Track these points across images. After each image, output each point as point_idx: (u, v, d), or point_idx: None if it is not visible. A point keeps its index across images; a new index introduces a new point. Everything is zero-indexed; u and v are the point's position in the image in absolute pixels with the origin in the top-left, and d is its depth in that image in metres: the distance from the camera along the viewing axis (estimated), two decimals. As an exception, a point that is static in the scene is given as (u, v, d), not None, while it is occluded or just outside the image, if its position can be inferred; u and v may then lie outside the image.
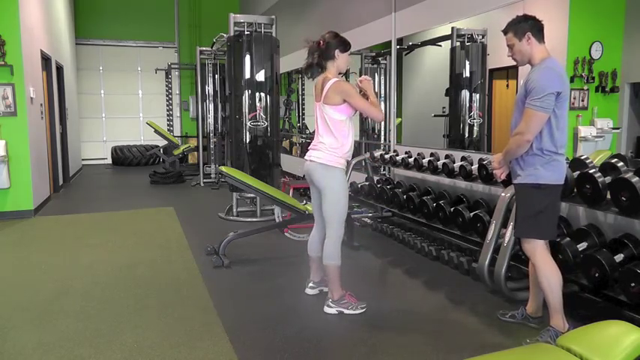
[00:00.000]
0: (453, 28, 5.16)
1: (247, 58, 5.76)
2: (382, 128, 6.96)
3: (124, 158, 11.99)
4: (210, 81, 9.71)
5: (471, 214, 3.91)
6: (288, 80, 9.75)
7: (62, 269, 4.14)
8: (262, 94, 5.81)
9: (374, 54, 6.95)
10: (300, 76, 9.61)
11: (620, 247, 2.93)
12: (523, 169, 2.69)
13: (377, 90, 6.97)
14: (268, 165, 5.94)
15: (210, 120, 9.87)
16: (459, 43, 5.25)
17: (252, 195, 5.81)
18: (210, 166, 9.49)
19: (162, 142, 10.76)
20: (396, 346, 2.75)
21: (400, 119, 6.27)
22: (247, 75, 5.77)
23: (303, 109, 9.77)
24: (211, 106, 9.80)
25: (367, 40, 6.38)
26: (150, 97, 12.78)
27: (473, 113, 5.35)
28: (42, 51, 7.23)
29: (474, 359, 1.45)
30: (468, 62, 5.39)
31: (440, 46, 5.75)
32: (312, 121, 3.35)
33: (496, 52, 4.99)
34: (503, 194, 3.35)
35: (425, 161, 4.67)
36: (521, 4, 3.99)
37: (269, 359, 2.63)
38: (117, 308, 3.29)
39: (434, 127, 6.02)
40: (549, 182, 2.63)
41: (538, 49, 2.64)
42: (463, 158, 4.28)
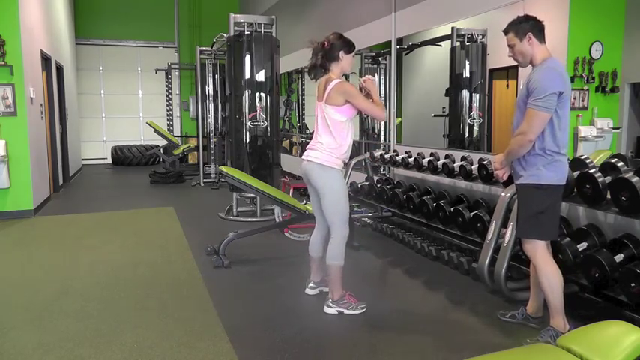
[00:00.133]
0: (453, 28, 5.16)
1: (247, 58, 5.76)
2: (382, 128, 6.96)
3: (124, 158, 11.99)
4: (210, 81, 9.70)
5: (471, 214, 3.91)
6: (288, 80, 9.75)
7: (62, 269, 4.14)
8: (262, 94, 5.81)
9: (374, 54, 6.95)
10: (300, 76, 9.62)
11: (620, 247, 2.93)
12: (525, 169, 2.68)
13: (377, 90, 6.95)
14: (268, 165, 5.94)
15: (210, 120, 9.86)
16: (458, 43, 5.25)
17: (252, 195, 5.81)
18: (210, 166, 9.48)
19: (162, 142, 10.76)
20: (396, 346, 2.75)
21: (400, 119, 6.27)
22: (247, 75, 5.77)
23: (303, 109, 9.77)
24: (211, 106, 9.80)
25: (367, 40, 6.38)
26: (150, 97, 12.78)
27: (473, 113, 5.35)
28: (42, 51, 7.23)
29: (474, 359, 1.45)
30: (467, 62, 5.39)
31: (440, 46, 5.75)
32: (312, 121, 3.35)
33: (496, 52, 4.99)
34: (503, 194, 3.35)
35: (425, 161, 4.67)
36: (521, 4, 3.99)
37: (269, 359, 2.63)
38: (117, 308, 3.29)
39: (434, 127, 6.02)
40: (551, 182, 2.62)
41: (539, 49, 2.63)
42: (463, 158, 4.28)
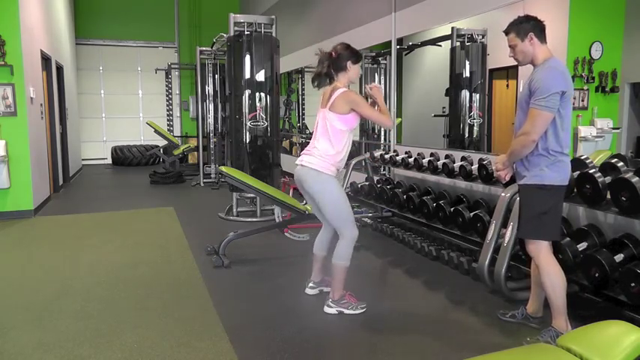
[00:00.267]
0: (453, 28, 5.16)
1: (247, 58, 5.76)
2: (382, 128, 6.96)
3: (124, 158, 11.99)
4: (210, 81, 9.70)
5: (471, 214, 3.91)
6: (288, 80, 9.75)
7: (62, 269, 4.14)
8: (262, 94, 5.81)
9: (374, 54, 6.95)
10: (300, 76, 9.62)
11: (620, 247, 2.92)
12: (528, 169, 2.67)
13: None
14: (268, 165, 5.94)
15: (210, 120, 9.87)
16: (458, 43, 5.25)
17: (252, 195, 5.81)
18: (210, 166, 9.48)
19: (162, 142, 10.76)
20: (396, 346, 2.75)
21: (400, 119, 6.27)
22: (247, 75, 5.77)
23: (303, 109, 9.77)
24: (211, 106, 9.80)
25: (367, 40, 6.38)
26: (150, 97, 12.78)
27: (473, 113, 5.35)
28: (42, 51, 7.23)
29: (474, 359, 1.45)
30: (467, 62, 5.39)
31: (440, 46, 5.74)
32: (312, 121, 3.35)
33: (496, 52, 4.99)
34: (503, 194, 3.35)
35: (425, 161, 4.67)
36: (521, 4, 3.99)
37: (269, 359, 2.63)
38: (117, 308, 3.29)
39: (434, 127, 6.02)
40: (554, 183, 2.61)
41: (541, 49, 2.63)
42: (463, 158, 4.28)
